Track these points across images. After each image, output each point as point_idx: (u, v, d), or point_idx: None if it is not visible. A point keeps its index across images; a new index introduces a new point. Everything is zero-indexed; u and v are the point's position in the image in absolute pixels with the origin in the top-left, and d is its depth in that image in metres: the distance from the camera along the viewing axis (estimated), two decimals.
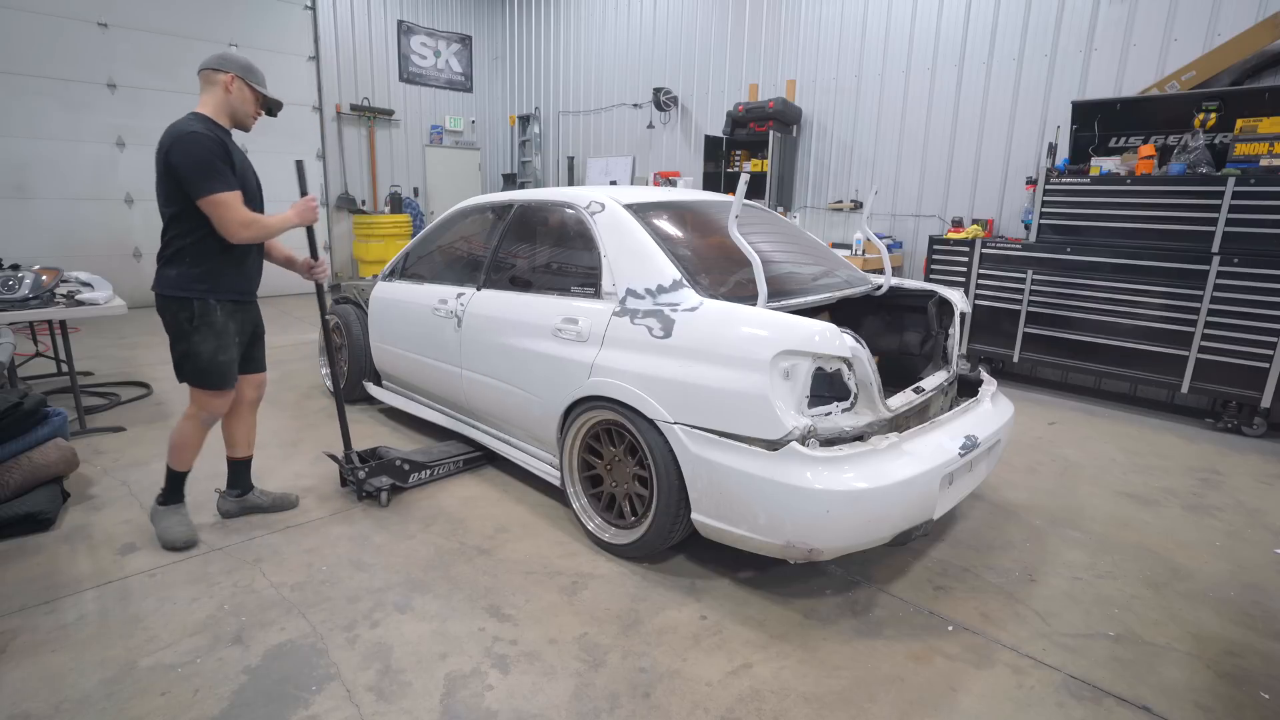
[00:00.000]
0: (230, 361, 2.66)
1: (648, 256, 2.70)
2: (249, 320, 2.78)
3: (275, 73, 8.45)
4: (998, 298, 5.20)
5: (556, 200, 3.22)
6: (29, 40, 6.81)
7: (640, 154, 8.86)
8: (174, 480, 2.77)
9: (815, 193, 7.06)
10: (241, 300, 2.71)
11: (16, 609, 2.29)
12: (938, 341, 3.13)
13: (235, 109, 2.59)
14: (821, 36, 6.78)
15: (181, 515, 2.77)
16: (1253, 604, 2.51)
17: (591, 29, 9.15)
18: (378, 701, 1.92)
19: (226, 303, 2.62)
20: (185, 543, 2.69)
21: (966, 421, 2.63)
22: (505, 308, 3.19)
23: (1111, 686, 2.05)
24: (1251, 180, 4.09)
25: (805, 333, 2.22)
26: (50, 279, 3.86)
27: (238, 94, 2.56)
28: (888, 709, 1.94)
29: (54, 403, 3.42)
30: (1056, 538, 2.96)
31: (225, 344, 2.62)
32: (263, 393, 2.98)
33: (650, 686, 2.00)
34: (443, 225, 3.91)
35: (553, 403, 2.87)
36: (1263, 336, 4.09)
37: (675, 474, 2.43)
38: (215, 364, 2.61)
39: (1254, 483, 3.62)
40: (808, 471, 2.14)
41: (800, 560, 2.30)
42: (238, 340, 2.70)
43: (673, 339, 2.47)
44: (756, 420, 2.22)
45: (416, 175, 10.26)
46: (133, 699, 1.90)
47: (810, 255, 3.28)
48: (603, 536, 2.75)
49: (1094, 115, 4.95)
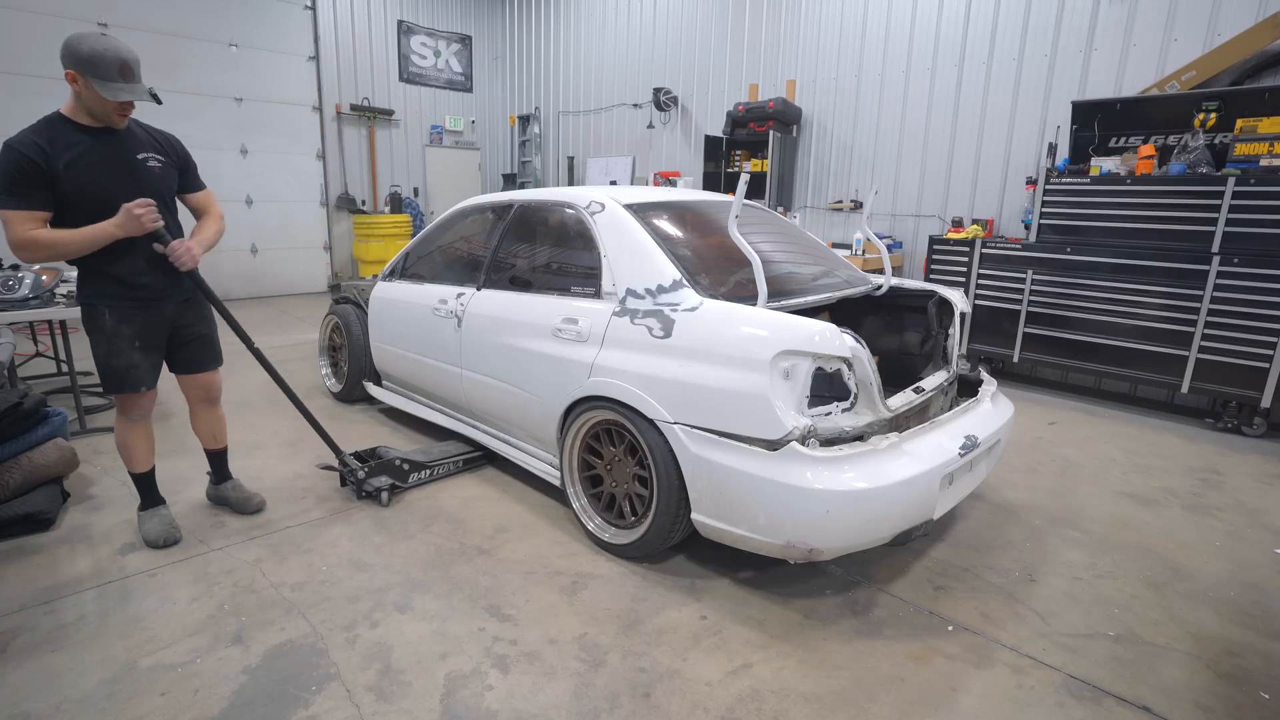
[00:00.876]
0: (126, 366, 2.52)
1: (648, 256, 2.70)
2: (160, 322, 2.60)
3: (275, 72, 8.54)
4: (998, 298, 5.20)
5: (556, 200, 3.22)
6: (29, 40, 6.81)
7: (640, 154, 8.86)
8: (139, 483, 2.79)
9: (815, 193, 7.06)
10: (139, 301, 2.51)
11: (16, 609, 2.29)
12: (938, 341, 3.13)
13: (89, 106, 2.32)
14: (821, 36, 6.78)
15: (161, 515, 2.79)
16: (1253, 604, 2.51)
17: (591, 29, 9.15)
18: (378, 701, 1.92)
19: (117, 307, 2.48)
20: (165, 540, 2.70)
21: (966, 421, 2.63)
22: (505, 308, 3.19)
23: (1111, 686, 2.05)
24: (1251, 180, 4.09)
25: (805, 333, 2.22)
26: (50, 279, 3.87)
27: (85, 90, 2.27)
28: (888, 709, 1.94)
29: (54, 403, 3.42)
30: (1056, 538, 2.96)
31: (117, 348, 2.49)
32: (213, 394, 2.88)
33: (650, 686, 2.00)
34: (443, 225, 3.91)
35: (553, 403, 2.87)
36: (1263, 336, 4.09)
37: (675, 474, 2.43)
38: (108, 368, 2.51)
39: (1254, 483, 3.62)
40: (808, 471, 2.14)
41: (800, 560, 2.30)
42: (139, 344, 2.54)
43: (673, 339, 2.47)
44: (756, 420, 2.22)
45: (416, 175, 10.27)
46: (133, 699, 1.90)
47: (810, 255, 3.28)
48: (603, 536, 2.75)
49: (1094, 115, 4.95)
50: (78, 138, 2.34)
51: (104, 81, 2.26)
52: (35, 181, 2.25)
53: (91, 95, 2.28)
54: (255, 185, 8.59)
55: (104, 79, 2.26)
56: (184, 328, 2.70)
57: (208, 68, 7.99)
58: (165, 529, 2.74)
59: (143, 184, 2.46)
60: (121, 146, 2.43)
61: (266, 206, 8.74)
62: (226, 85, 8.17)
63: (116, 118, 2.38)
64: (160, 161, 2.54)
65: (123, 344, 2.52)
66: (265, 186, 8.68)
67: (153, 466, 2.81)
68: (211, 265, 8.35)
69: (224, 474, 3.06)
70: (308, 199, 9.11)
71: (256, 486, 3.20)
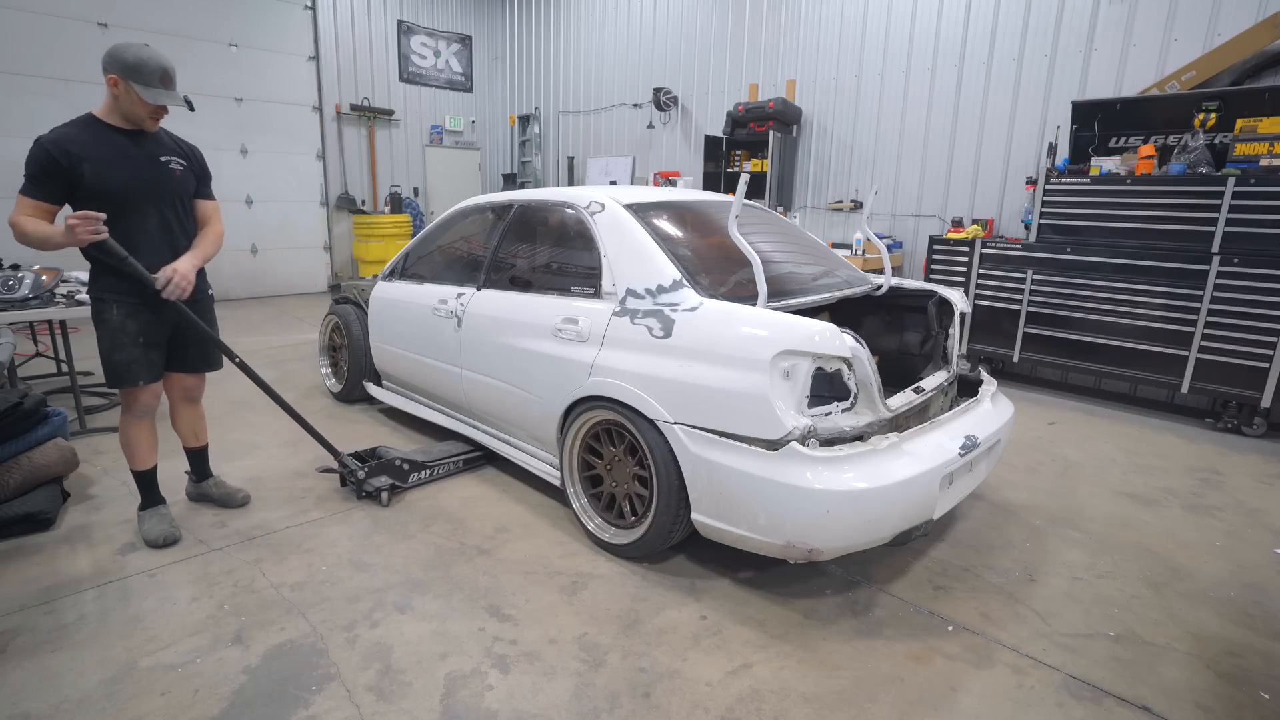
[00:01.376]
0: (128, 361, 2.60)
1: (648, 256, 2.70)
2: (165, 321, 2.68)
3: (275, 72, 8.53)
4: (998, 298, 5.20)
5: (556, 200, 3.22)
6: (29, 40, 6.81)
7: (640, 154, 8.86)
8: (139, 481, 2.81)
9: (815, 193, 7.06)
10: (145, 300, 2.59)
11: (16, 609, 2.30)
12: (938, 341, 3.13)
13: (125, 109, 2.50)
14: (821, 36, 6.78)
15: (161, 515, 2.80)
16: (1253, 604, 2.51)
17: (591, 29, 9.15)
18: (378, 701, 1.92)
19: (124, 303, 2.57)
20: (165, 539, 2.71)
21: (966, 421, 2.63)
22: (505, 308, 3.19)
23: (1111, 686, 2.05)
24: (1251, 180, 4.09)
25: (805, 333, 2.21)
26: (50, 279, 3.87)
27: (124, 94, 2.46)
28: (888, 709, 1.94)
29: (54, 403, 3.42)
30: (1056, 538, 2.96)
31: (120, 342, 2.58)
32: (195, 394, 2.96)
33: (650, 686, 2.00)
34: (443, 225, 3.91)
35: (553, 402, 2.87)
36: (1263, 336, 4.09)
37: (675, 474, 2.43)
38: (110, 361, 2.60)
39: (1254, 483, 3.62)
40: (808, 471, 2.14)
41: (800, 560, 2.30)
42: (143, 340, 2.62)
43: (673, 339, 2.47)
44: (756, 420, 2.22)
45: (416, 175, 10.26)
46: (133, 699, 1.90)
47: (810, 255, 3.28)
48: (603, 536, 2.75)
49: (1094, 115, 4.95)
50: (111, 137, 2.52)
51: (146, 87, 2.46)
52: (54, 177, 2.42)
53: (130, 99, 2.47)
54: (255, 185, 8.59)
55: (146, 84, 2.46)
56: (188, 329, 2.77)
57: (208, 68, 7.98)
58: (165, 528, 2.74)
59: (164, 183, 2.63)
60: (150, 148, 2.61)
61: (266, 206, 8.74)
62: (226, 85, 8.16)
63: (150, 122, 2.57)
64: (182, 165, 2.70)
65: (126, 339, 2.60)
66: (265, 186, 8.68)
67: (154, 465, 2.82)
68: (212, 265, 8.23)
69: (204, 471, 3.09)
70: (308, 199, 9.10)
71: (256, 486, 3.20)
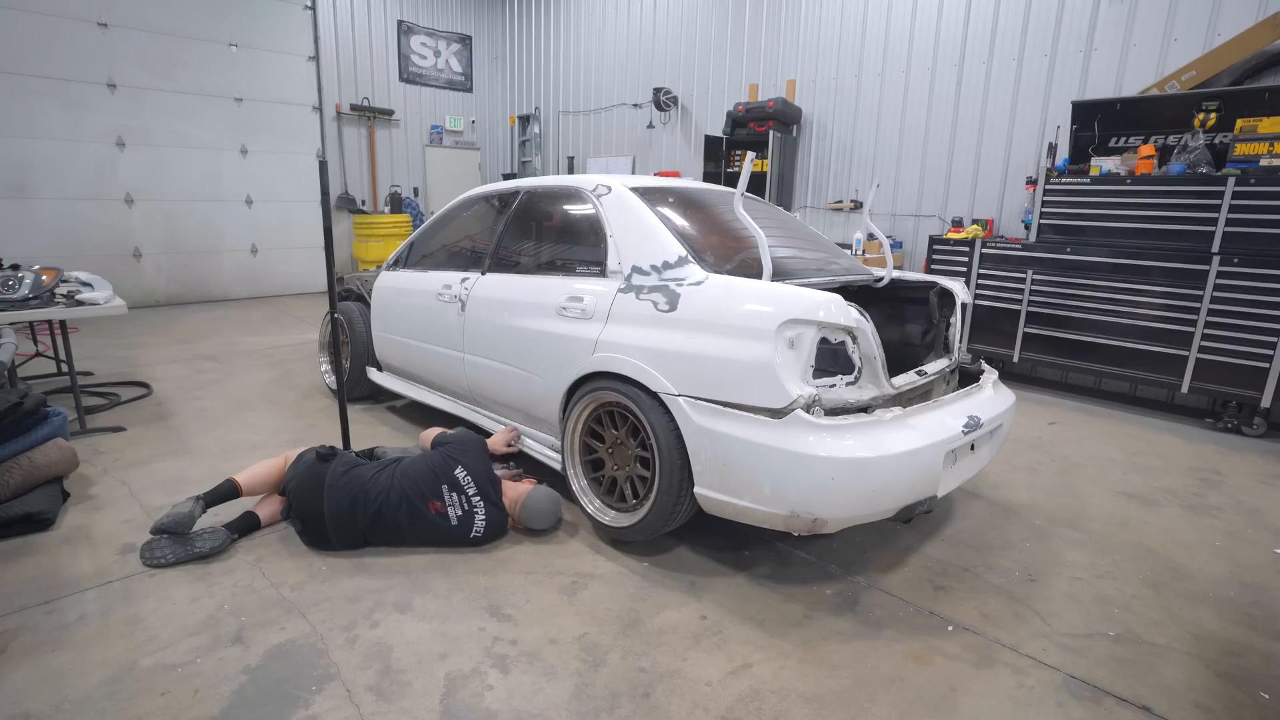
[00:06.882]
0: None
1: (653, 234, 2.72)
2: None
3: (275, 72, 8.54)
4: (998, 298, 5.20)
5: (563, 185, 3.27)
6: (29, 40, 6.80)
7: (640, 154, 8.86)
8: None
9: (815, 193, 7.06)
10: None
11: (16, 609, 2.29)
12: (939, 332, 3.14)
13: None
14: (821, 36, 6.78)
15: None
16: (1253, 604, 2.51)
17: (591, 29, 9.15)
18: (378, 701, 1.92)
19: None
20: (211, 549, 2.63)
21: (969, 404, 2.64)
22: (510, 290, 3.20)
23: (1111, 686, 2.05)
24: (1251, 180, 4.09)
25: (811, 303, 2.22)
26: (50, 279, 3.86)
27: None
28: (888, 709, 1.94)
29: (54, 403, 3.41)
30: (1056, 538, 2.96)
31: None
32: None
33: (650, 686, 2.00)
34: (448, 214, 3.95)
35: (556, 382, 2.87)
36: (1263, 336, 4.09)
37: (678, 450, 2.42)
38: None
39: (1254, 483, 3.62)
40: (811, 437, 2.15)
41: (804, 531, 2.28)
42: None
43: (678, 312, 2.48)
44: (761, 389, 2.22)
45: (416, 175, 10.27)
46: (133, 699, 1.90)
47: (811, 244, 3.29)
48: (603, 519, 2.75)
49: (1094, 115, 4.95)
50: None
51: None
52: None
53: None
54: (255, 185, 8.58)
55: None
56: None
57: (208, 67, 7.98)
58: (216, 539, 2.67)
59: None
60: None
61: (266, 206, 8.73)
62: (226, 85, 8.16)
63: None
64: None
65: None
66: (265, 186, 8.67)
67: None
68: (212, 265, 8.40)
69: None
70: (308, 199, 9.09)
71: None
